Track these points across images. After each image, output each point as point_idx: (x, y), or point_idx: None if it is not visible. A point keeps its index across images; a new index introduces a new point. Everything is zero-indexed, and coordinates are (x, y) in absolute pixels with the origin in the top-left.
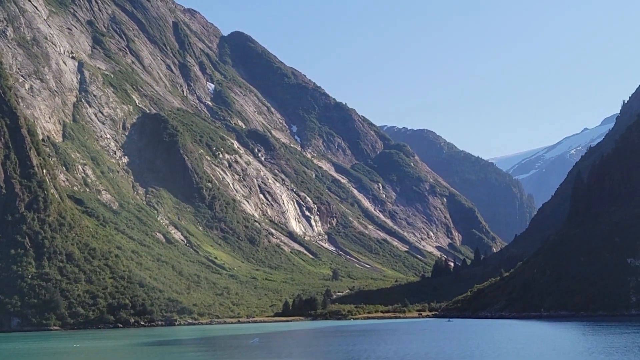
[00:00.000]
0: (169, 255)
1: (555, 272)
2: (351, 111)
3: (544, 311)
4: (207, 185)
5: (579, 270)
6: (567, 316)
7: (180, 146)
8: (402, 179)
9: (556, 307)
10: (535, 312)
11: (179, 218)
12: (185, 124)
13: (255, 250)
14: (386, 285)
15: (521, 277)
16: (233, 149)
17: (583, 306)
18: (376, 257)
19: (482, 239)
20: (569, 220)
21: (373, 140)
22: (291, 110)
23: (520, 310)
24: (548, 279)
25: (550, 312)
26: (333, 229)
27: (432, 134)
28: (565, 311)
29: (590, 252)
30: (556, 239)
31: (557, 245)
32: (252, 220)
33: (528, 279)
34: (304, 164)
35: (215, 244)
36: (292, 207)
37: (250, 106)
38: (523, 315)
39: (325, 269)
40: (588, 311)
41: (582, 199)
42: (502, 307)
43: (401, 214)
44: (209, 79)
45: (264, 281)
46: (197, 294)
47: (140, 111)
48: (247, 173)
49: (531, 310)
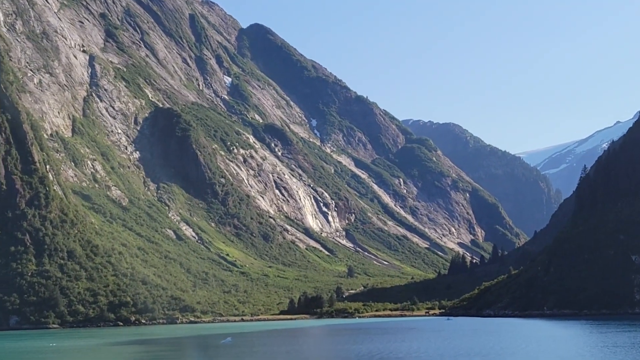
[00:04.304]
0: (178, 252)
1: (559, 270)
2: (372, 105)
3: (547, 310)
4: (221, 180)
5: (582, 268)
6: (570, 315)
7: (193, 141)
8: (423, 174)
9: (559, 305)
10: (538, 310)
11: (191, 214)
12: (199, 118)
13: (269, 247)
14: (402, 282)
15: (526, 275)
16: (248, 144)
17: (586, 305)
18: (395, 254)
19: (505, 236)
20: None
21: (394, 135)
22: (311, 104)
23: (523, 309)
24: (552, 277)
25: (554, 310)
26: (351, 225)
27: (458, 128)
28: (568, 310)
29: (594, 249)
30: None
31: (561, 243)
32: (266, 217)
33: (532, 277)
34: (322, 159)
35: (228, 240)
36: (309, 203)
37: (268, 100)
38: (526, 314)
39: (340, 266)
40: (591, 310)
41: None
42: (505, 305)
43: (422, 210)
44: (225, 73)
45: (275, 278)
46: (203, 291)
47: (152, 105)
48: (262, 168)
49: (534, 308)
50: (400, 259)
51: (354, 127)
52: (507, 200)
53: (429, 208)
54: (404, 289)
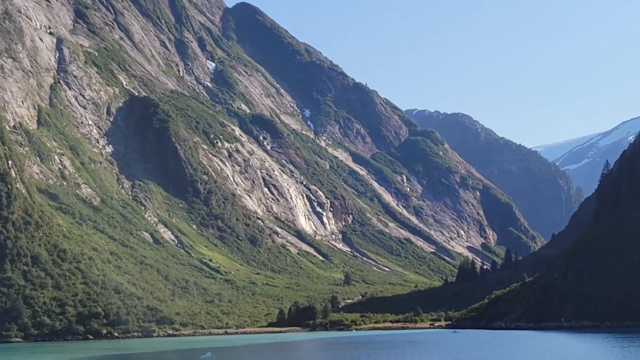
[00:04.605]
0: (155, 257)
1: (578, 276)
2: (372, 93)
3: (564, 321)
4: (203, 177)
5: (604, 274)
6: (590, 327)
7: (172, 133)
8: (429, 170)
9: (578, 316)
10: (554, 322)
11: (170, 215)
12: (180, 108)
13: (257, 251)
14: (405, 291)
15: (542, 283)
16: (234, 137)
17: (608, 315)
18: (397, 259)
19: (519, 239)
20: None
21: (397, 126)
22: (303, 92)
23: (538, 320)
24: (569, 284)
25: (572, 322)
26: (348, 227)
27: (467, 119)
28: (588, 321)
29: (617, 253)
30: (580, 238)
31: (581, 246)
32: (254, 218)
33: (547, 285)
34: (316, 153)
35: (211, 244)
36: (301, 202)
37: (256, 87)
38: (541, 325)
39: (336, 273)
40: (614, 321)
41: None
42: (518, 316)
43: (428, 210)
44: (209, 57)
45: (264, 287)
46: (182, 301)
47: (127, 94)
48: (249, 164)
49: (550, 319)
50: (403, 264)
51: (352, 117)
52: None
53: (435, 208)
54: (407, 299)
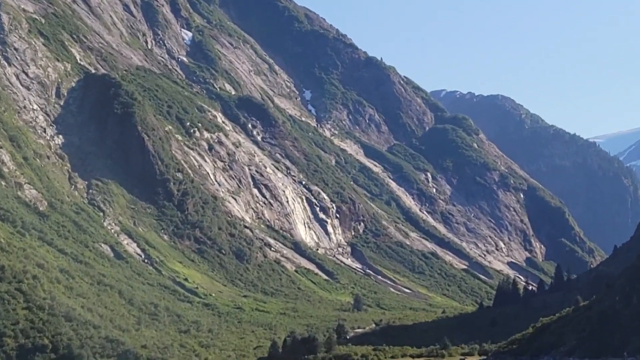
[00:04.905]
0: (116, 276)
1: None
2: (389, 70)
3: (628, 356)
4: (177, 176)
5: None
6: None
7: (138, 121)
8: (460, 167)
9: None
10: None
11: (135, 223)
12: (148, 88)
13: (244, 268)
14: (429, 318)
15: (600, 308)
16: (216, 125)
17: None
18: (420, 278)
19: (573, 252)
20: None
21: (420, 112)
22: (303, 68)
23: (594, 355)
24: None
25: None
26: (359, 237)
27: (509, 102)
28: None
29: None
30: None
31: None
32: (240, 226)
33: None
34: (319, 146)
35: (187, 259)
36: (300, 207)
37: (243, 63)
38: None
39: (344, 295)
40: None
41: None
42: (570, 349)
43: (458, 217)
44: (184, 25)
45: (253, 313)
46: (150, 331)
47: (82, 71)
48: (235, 159)
49: (610, 354)
50: (428, 284)
51: (364, 100)
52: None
53: (467, 214)
54: (432, 327)
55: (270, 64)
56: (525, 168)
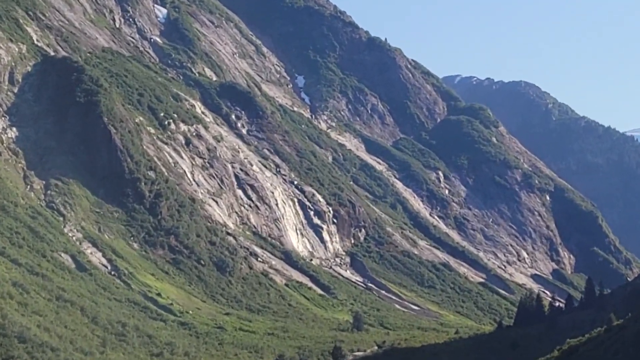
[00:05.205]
0: (78, 290)
1: None
2: (395, 53)
3: None
4: (149, 174)
5: None
6: None
7: (104, 111)
8: (477, 164)
9: None
10: None
11: (100, 229)
12: (115, 74)
13: (227, 282)
14: (441, 339)
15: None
16: (194, 116)
17: None
18: (430, 293)
19: (607, 263)
20: None
21: (430, 101)
22: (295, 51)
23: None
24: None
25: None
26: (360, 246)
27: (533, 90)
28: None
29: None
30: None
31: None
32: (222, 233)
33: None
34: (314, 140)
35: (160, 271)
36: (291, 210)
37: (226, 44)
38: None
39: (342, 313)
40: None
41: None
42: None
43: (475, 222)
44: (157, 0)
45: (236, 333)
46: (117, 354)
47: (39, 53)
48: (216, 155)
49: None
50: (439, 300)
51: (365, 88)
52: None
53: (485, 219)
54: (444, 350)
55: (257, 45)
56: (552, 166)
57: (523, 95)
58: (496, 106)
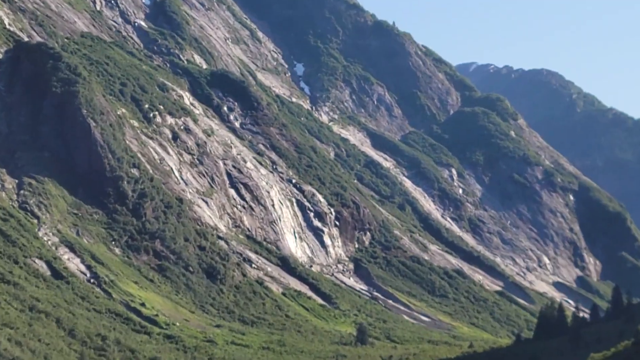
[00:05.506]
0: (53, 300)
1: None
2: (403, 38)
3: None
4: (132, 172)
5: None
6: None
7: (82, 102)
8: (494, 161)
9: None
10: None
11: (79, 232)
12: (96, 61)
13: (218, 290)
14: (453, 353)
15: None
16: (182, 107)
17: None
18: (442, 303)
19: (637, 270)
20: None
21: (443, 90)
22: (294, 36)
23: None
24: None
25: None
26: (364, 251)
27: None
28: None
29: None
30: None
31: None
32: (213, 237)
33: None
34: (314, 134)
35: (144, 279)
36: (289, 212)
37: (218, 29)
38: None
39: (345, 325)
40: None
41: None
42: None
43: (491, 224)
44: None
45: (228, 347)
46: None
47: (12, 39)
48: (206, 150)
49: None
50: (452, 311)
51: (371, 76)
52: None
53: (502, 221)
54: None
55: (252, 30)
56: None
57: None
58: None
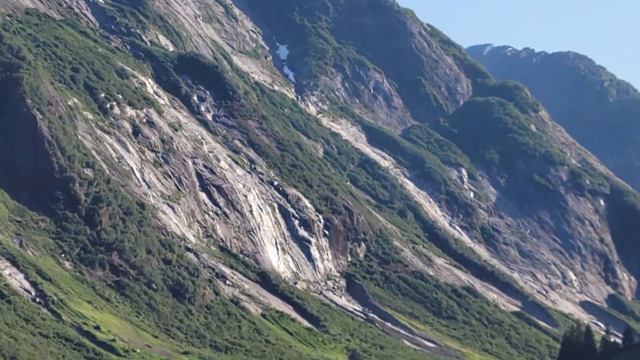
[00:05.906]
0: None
1: None
2: (405, 15)
3: None
4: (85, 173)
5: None
6: None
7: (27, 90)
8: (511, 159)
9: None
10: None
11: (22, 243)
12: (43, 43)
13: (186, 311)
14: None
15: None
16: (144, 97)
17: None
18: (450, 326)
19: None
20: None
21: (451, 77)
22: (277, 13)
23: None
24: None
25: None
26: (359, 265)
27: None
28: None
29: None
30: None
31: None
32: (180, 249)
33: None
34: (299, 128)
35: (99, 298)
36: (270, 219)
37: (187, 5)
38: None
39: (335, 351)
40: None
41: None
42: None
43: (508, 234)
44: None
45: None
46: None
47: None
48: (172, 147)
49: None
50: (461, 335)
51: (367, 60)
52: None
53: (520, 229)
54: None
55: (227, 5)
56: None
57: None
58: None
